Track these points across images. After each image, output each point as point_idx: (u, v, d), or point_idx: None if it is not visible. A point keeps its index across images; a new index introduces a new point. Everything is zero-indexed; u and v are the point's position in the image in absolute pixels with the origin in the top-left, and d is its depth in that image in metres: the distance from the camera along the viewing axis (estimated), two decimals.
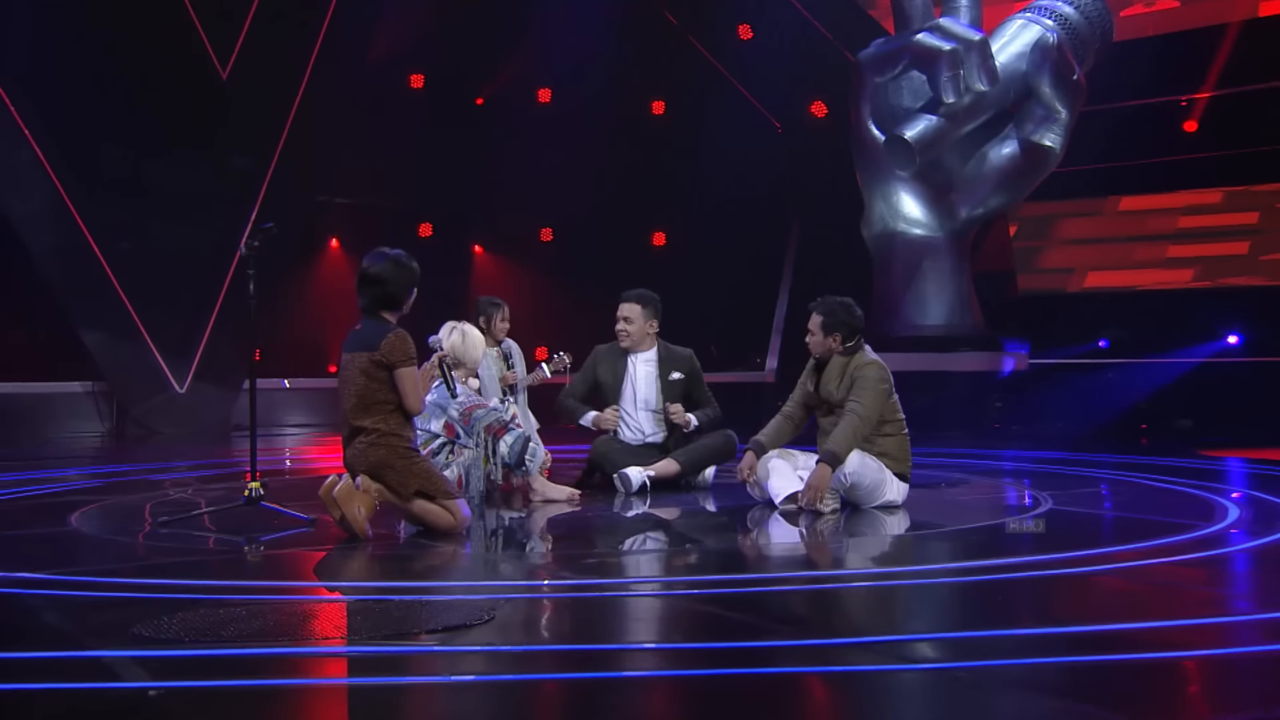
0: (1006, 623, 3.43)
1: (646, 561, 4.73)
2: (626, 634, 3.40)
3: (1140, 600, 3.77)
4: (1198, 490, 6.37)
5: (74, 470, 8.14)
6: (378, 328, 4.81)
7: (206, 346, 11.85)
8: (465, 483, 5.85)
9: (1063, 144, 10.68)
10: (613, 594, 3.87)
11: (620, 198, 14.56)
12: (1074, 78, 10.58)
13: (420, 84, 14.49)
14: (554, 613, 3.66)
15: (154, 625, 3.21)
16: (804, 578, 4.25)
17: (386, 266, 4.86)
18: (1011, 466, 7.82)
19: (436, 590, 3.93)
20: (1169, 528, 4.93)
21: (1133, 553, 4.40)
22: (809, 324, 5.59)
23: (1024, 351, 11.45)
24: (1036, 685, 2.76)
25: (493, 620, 3.30)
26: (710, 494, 6.31)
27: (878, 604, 3.76)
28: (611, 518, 5.63)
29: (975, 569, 4.22)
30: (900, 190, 11.05)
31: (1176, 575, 4.12)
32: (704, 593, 3.85)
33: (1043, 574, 4.11)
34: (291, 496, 5.62)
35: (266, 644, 3.05)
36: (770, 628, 3.35)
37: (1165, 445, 9.35)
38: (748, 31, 13.92)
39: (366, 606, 3.54)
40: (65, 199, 11.31)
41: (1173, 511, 5.55)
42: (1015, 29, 10.75)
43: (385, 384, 4.76)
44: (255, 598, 3.68)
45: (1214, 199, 12.17)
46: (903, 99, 10.87)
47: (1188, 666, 2.92)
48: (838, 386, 5.51)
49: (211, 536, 4.98)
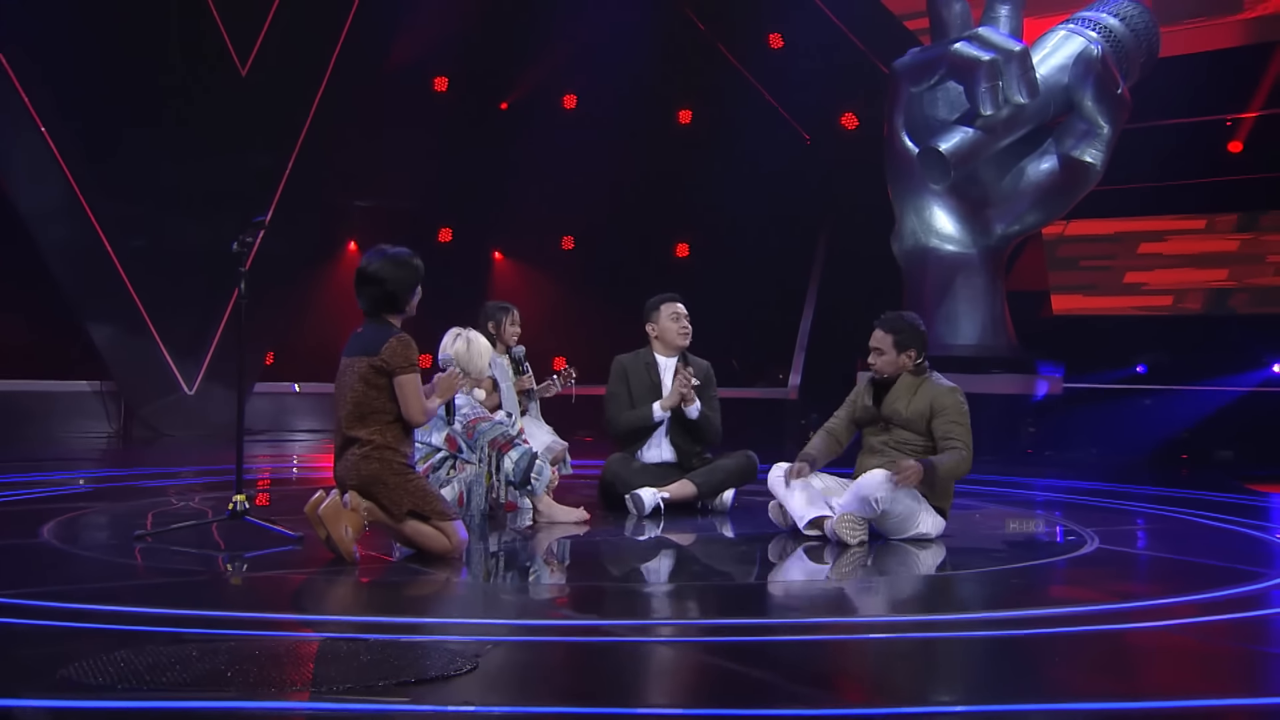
0: (1060, 692, 2.96)
1: (653, 600, 4.26)
2: (623, 694, 2.94)
3: (1215, 663, 3.28)
4: (1246, 529, 5.88)
5: (69, 474, 7.77)
6: (379, 331, 4.41)
7: (217, 348, 11.51)
8: (466, 500, 5.44)
9: (1104, 160, 10.14)
10: (613, 639, 3.42)
11: (643, 207, 14.17)
12: (1118, 92, 10.05)
13: (444, 87, 14.17)
14: (545, 663, 3.21)
15: (87, 666, 2.78)
16: (828, 625, 3.78)
17: (385, 265, 4.45)
18: (1046, 497, 7.33)
19: (419, 629, 3.50)
20: (1229, 575, 4.44)
21: (1196, 606, 3.90)
22: (875, 342, 5.16)
23: (1058, 375, 10.94)
24: None
25: (475, 670, 2.86)
26: (729, 519, 5.86)
27: (912, 662, 3.28)
28: (621, 544, 5.19)
29: (1020, 620, 3.74)
30: (933, 205, 10.55)
31: (1250, 634, 3.63)
32: (715, 640, 3.39)
33: (1095, 629, 3.63)
34: (286, 509, 5.21)
35: (210, 694, 2.62)
36: (789, 689, 2.89)
37: (1208, 478, 8.84)
38: (778, 40, 13.50)
39: (334, 648, 3.11)
40: (78, 195, 11.00)
41: (1230, 555, 5.06)
42: (1057, 40, 10.24)
43: (385, 392, 4.36)
44: (214, 632, 3.25)
45: (1260, 222, 11.65)
46: (938, 110, 10.38)
47: None
48: (906, 405, 5.10)
49: (187, 554, 4.56)
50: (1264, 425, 10.27)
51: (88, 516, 5.60)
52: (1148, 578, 4.86)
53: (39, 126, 10.73)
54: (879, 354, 5.17)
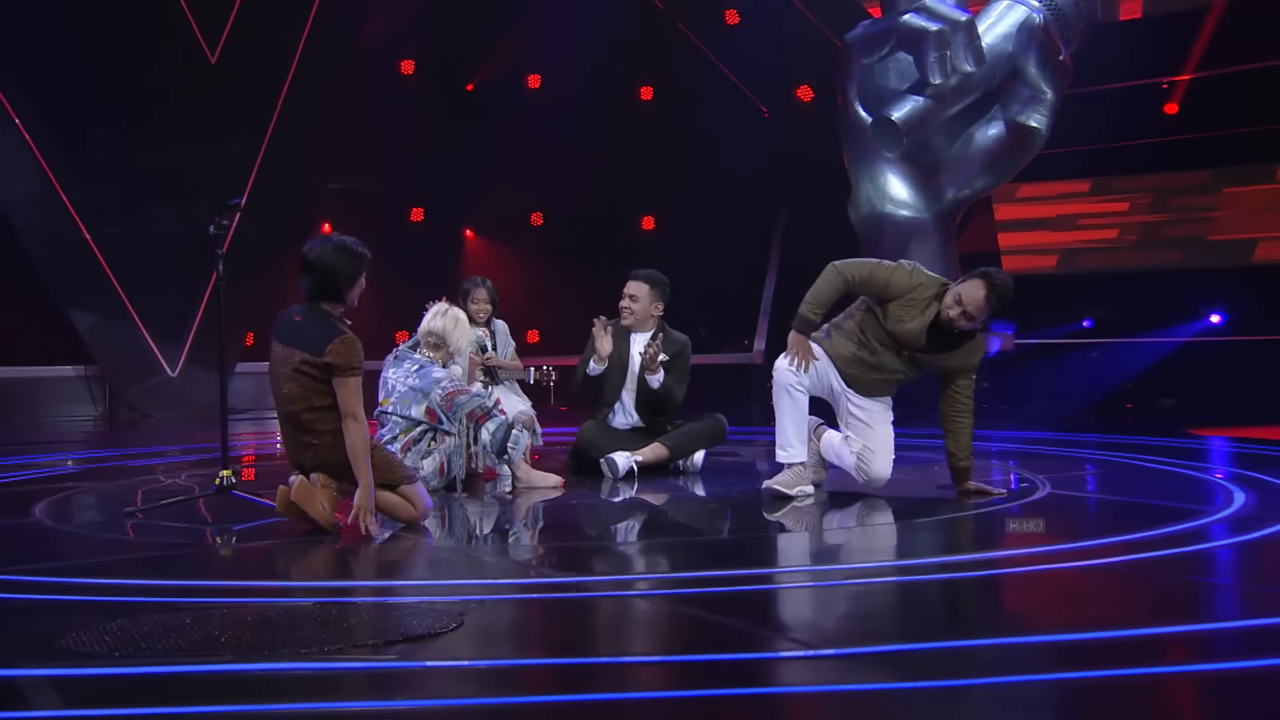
0: (1011, 628, 3.03)
1: (628, 557, 4.30)
2: (603, 645, 2.98)
3: (1160, 594, 3.36)
4: (1189, 470, 6.00)
5: (57, 455, 7.71)
6: (322, 327, 4.20)
7: (197, 330, 11.41)
8: (448, 469, 5.46)
9: (1048, 125, 10.23)
10: (591, 594, 3.45)
11: (610, 182, 14.13)
12: (1060, 59, 10.13)
13: (411, 70, 14.02)
14: (527, 618, 3.24)
15: (85, 636, 2.79)
16: (792, 574, 3.84)
17: (329, 252, 4.25)
18: (1001, 447, 7.42)
19: (405, 591, 3.52)
20: (1172, 513, 4.53)
21: (1141, 543, 3.99)
22: (974, 294, 4.85)
23: (1010, 332, 11.06)
24: (1058, 705, 2.36)
25: (460, 628, 2.89)
26: (700, 479, 5.90)
27: (873, 604, 3.34)
28: (597, 506, 5.22)
29: (978, 562, 3.82)
30: (887, 172, 10.60)
31: (1187, 568, 3.71)
32: (688, 592, 3.43)
33: (1045, 568, 3.71)
34: (270, 483, 5.19)
35: (206, 659, 2.63)
36: (756, 634, 2.94)
37: (1151, 424, 8.99)
38: (734, 16, 13.47)
39: (324, 611, 3.12)
40: (54, 182, 10.83)
41: (1174, 495, 5.16)
42: (1001, 9, 10.29)
43: (327, 384, 4.18)
44: (206, 600, 3.26)
45: (1197, 180, 11.79)
46: (889, 80, 10.41)
47: (1201, 679, 2.51)
48: (963, 360, 5.05)
49: (176, 528, 4.55)
50: (1202, 373, 10.45)
51: (78, 496, 5.56)
52: (1096, 519, 4.95)
53: (13, 118, 10.54)
54: (963, 305, 4.89)
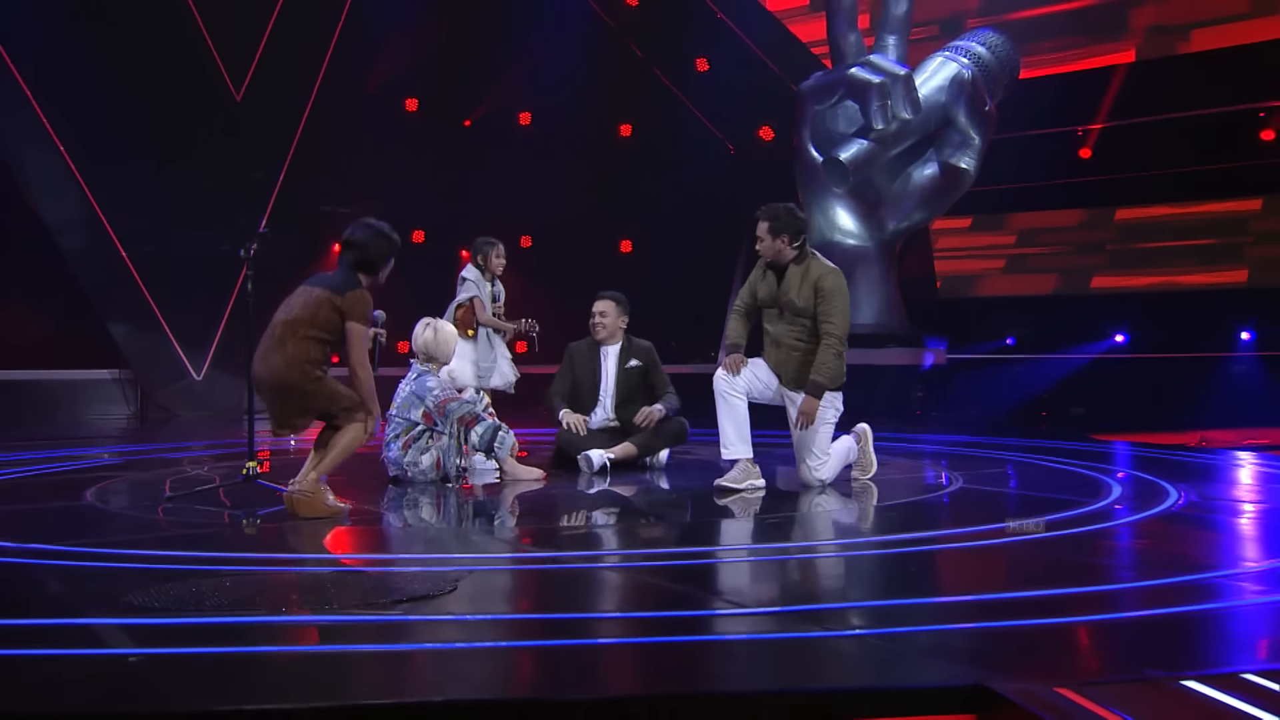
0: (920, 591, 3.35)
1: (598, 536, 4.60)
2: (579, 605, 3.27)
3: (1036, 569, 3.69)
4: (1088, 470, 6.34)
5: (96, 449, 7.91)
6: (349, 278, 4.45)
7: (221, 339, 11.62)
8: (443, 463, 5.72)
9: (976, 166, 10.62)
10: (569, 566, 3.75)
11: (592, 209, 14.41)
12: (986, 109, 10.53)
13: (414, 107, 14.28)
14: (512, 584, 3.53)
15: (145, 594, 3.05)
16: (742, 550, 4.15)
17: (367, 234, 4.54)
18: (930, 450, 7.76)
19: (407, 562, 3.80)
20: (1062, 504, 4.87)
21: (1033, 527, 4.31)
22: (757, 230, 5.14)
23: (943, 348, 11.41)
24: (946, 651, 2.67)
25: (455, 591, 3.17)
26: (664, 474, 6.19)
27: (810, 575, 3.65)
28: (574, 495, 5.50)
29: (894, 542, 4.14)
30: (836, 205, 10.96)
31: (1068, 546, 4.05)
32: (651, 564, 3.73)
33: (954, 546, 4.03)
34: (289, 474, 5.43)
35: (246, 612, 2.91)
36: (705, 599, 3.24)
37: (1062, 430, 9.33)
38: (704, 64, 13.82)
39: (341, 577, 3.40)
40: (95, 207, 11.03)
41: (1066, 489, 5.50)
42: (935, 65, 10.67)
43: (329, 323, 4.36)
44: (241, 568, 3.53)
45: (1106, 217, 12.19)
46: (838, 125, 10.77)
47: (1076, 631, 2.83)
48: (798, 293, 5.12)
49: (210, 511, 4.80)
50: (1108, 385, 10.84)
51: (120, 483, 5.79)
52: (997, 507, 5.27)
53: (60, 151, 10.74)
54: (759, 241, 5.12)
